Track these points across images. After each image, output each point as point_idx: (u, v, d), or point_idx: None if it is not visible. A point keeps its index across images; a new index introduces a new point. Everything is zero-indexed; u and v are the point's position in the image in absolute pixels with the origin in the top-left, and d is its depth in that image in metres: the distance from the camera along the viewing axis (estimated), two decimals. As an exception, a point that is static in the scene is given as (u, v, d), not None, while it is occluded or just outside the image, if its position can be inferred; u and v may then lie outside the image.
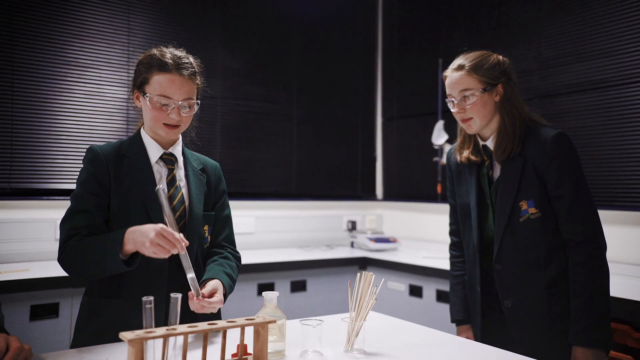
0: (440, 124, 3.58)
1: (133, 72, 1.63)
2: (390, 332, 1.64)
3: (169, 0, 3.42)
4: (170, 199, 1.55)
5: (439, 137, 3.52)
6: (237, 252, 1.72)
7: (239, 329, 1.19)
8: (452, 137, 3.53)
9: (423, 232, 3.88)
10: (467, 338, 1.88)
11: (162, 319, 1.44)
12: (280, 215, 3.81)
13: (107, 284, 1.51)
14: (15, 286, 2.37)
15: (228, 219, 1.72)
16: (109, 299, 1.48)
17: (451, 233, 2.05)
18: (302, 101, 3.98)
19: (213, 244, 1.66)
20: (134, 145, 1.58)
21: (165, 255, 1.31)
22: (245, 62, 3.72)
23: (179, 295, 1.11)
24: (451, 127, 3.58)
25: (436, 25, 3.91)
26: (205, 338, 1.15)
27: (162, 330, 1.06)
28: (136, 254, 1.40)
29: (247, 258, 3.16)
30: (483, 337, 1.82)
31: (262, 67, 3.80)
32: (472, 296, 1.87)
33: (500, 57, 1.81)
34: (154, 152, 1.58)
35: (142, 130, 1.61)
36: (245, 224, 3.62)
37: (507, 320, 1.75)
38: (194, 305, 1.37)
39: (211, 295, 1.42)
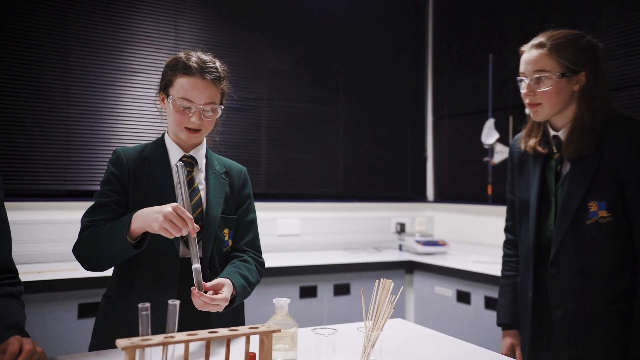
0: (490, 122, 3.42)
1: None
2: (414, 342, 1.56)
3: (215, 4, 3.47)
4: None
5: (489, 136, 3.36)
6: (261, 258, 1.68)
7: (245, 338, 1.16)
8: (503, 136, 3.36)
9: (474, 235, 3.72)
10: (513, 344, 1.77)
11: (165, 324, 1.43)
12: (326, 217, 3.77)
13: (120, 285, 1.53)
14: (64, 284, 2.47)
15: (252, 224, 1.69)
16: (122, 300, 1.49)
17: (506, 230, 1.88)
18: (348, 101, 3.92)
19: (235, 248, 1.64)
20: (156, 149, 1.59)
21: (176, 234, 1.30)
22: (291, 63, 3.71)
23: (177, 302, 1.09)
24: (502, 125, 3.41)
25: (487, 19, 3.74)
26: (207, 347, 1.13)
27: (159, 338, 1.04)
28: (144, 238, 1.40)
29: (290, 260, 3.16)
30: (532, 347, 1.67)
31: (308, 67, 3.78)
32: (522, 301, 1.71)
33: (594, 40, 1.59)
34: (175, 155, 1.59)
35: (165, 134, 1.63)
36: (290, 226, 3.60)
37: (555, 332, 1.60)
38: (196, 301, 1.34)
39: (216, 292, 1.38)
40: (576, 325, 1.56)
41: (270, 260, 3.13)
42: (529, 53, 1.59)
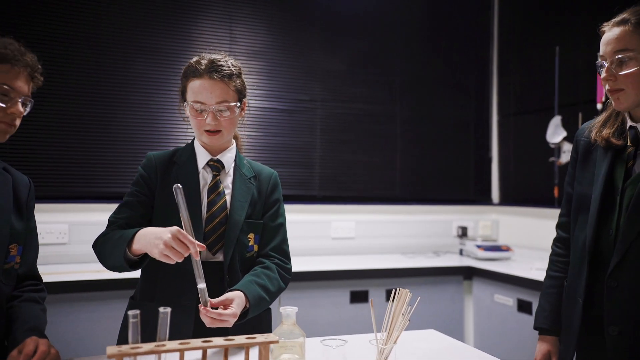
0: (557, 120, 3.18)
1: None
2: (437, 355, 1.46)
3: (269, 7, 3.48)
4: (211, 204, 1.54)
5: (555, 134, 3.13)
6: (287, 264, 1.63)
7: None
8: (571, 134, 3.12)
9: (540, 241, 3.48)
10: (550, 352, 1.59)
11: (191, 327, 1.42)
12: (382, 220, 3.67)
13: (145, 287, 1.55)
14: (115, 284, 2.56)
15: (279, 228, 1.65)
16: (145, 302, 1.51)
17: (559, 226, 1.69)
18: (406, 101, 3.80)
19: (260, 253, 1.61)
20: (185, 153, 1.61)
21: (178, 260, 1.28)
22: (345, 63, 3.65)
23: (169, 310, 1.07)
24: (570, 123, 3.17)
25: (553, 9, 3.49)
26: (203, 356, 1.10)
27: (149, 346, 1.02)
28: (144, 259, 1.40)
29: (341, 264, 3.10)
30: (577, 358, 1.51)
31: (363, 67, 3.70)
32: (569, 307, 1.53)
33: None
34: (202, 159, 1.59)
35: (195, 139, 1.63)
36: (344, 229, 3.55)
37: (608, 350, 1.41)
38: (204, 318, 1.32)
39: (225, 308, 1.36)
40: (633, 345, 1.37)
41: (322, 263, 3.09)
42: (610, 32, 1.39)
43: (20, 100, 1.35)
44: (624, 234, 1.38)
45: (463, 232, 3.74)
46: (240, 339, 1.11)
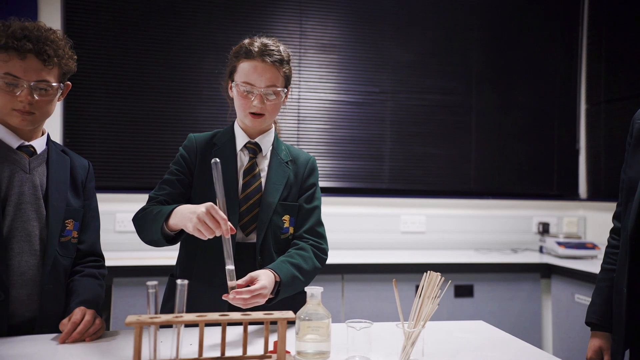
0: (649, 105, 2.89)
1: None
2: (478, 346, 1.37)
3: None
4: (246, 185, 1.55)
5: (647, 120, 2.85)
6: (322, 244, 1.60)
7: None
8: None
9: (631, 238, 3.18)
10: (601, 348, 1.49)
11: (225, 307, 1.44)
12: (455, 215, 3.54)
13: (184, 265, 1.59)
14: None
15: (314, 210, 1.63)
16: (184, 279, 1.55)
17: (615, 216, 1.58)
18: (482, 91, 3.64)
19: (295, 235, 1.61)
20: (225, 135, 1.64)
21: (209, 236, 1.29)
22: (417, 53, 3.56)
23: (186, 282, 1.09)
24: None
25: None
26: (223, 329, 1.12)
27: (167, 317, 1.06)
28: (180, 234, 1.43)
29: (409, 257, 3.03)
30: (630, 355, 1.38)
31: (436, 57, 3.59)
32: (617, 299, 1.43)
33: None
34: (241, 141, 1.61)
35: (235, 121, 1.66)
36: (414, 223, 3.46)
37: None
38: (237, 302, 1.29)
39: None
40: None
41: (389, 257, 3.04)
42: None
43: (29, 86, 1.38)
44: None
45: (544, 229, 3.52)
46: (257, 315, 1.11)
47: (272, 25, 3.39)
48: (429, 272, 1.23)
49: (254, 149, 1.60)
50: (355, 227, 3.37)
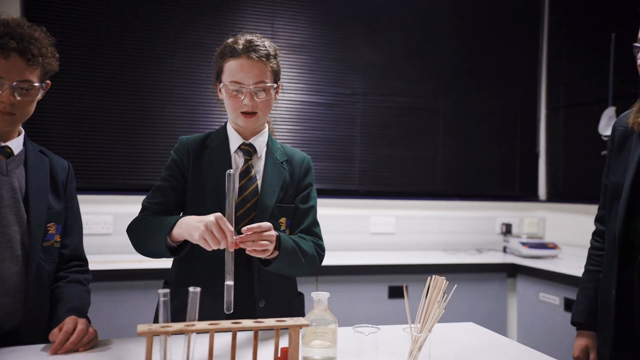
0: (610, 111, 3.04)
1: None
2: (475, 347, 1.40)
3: (310, 0, 3.46)
4: (243, 189, 1.52)
5: (608, 126, 2.99)
6: (319, 241, 1.60)
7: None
8: (623, 127, 2.97)
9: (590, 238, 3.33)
10: (587, 347, 1.54)
11: (223, 314, 1.41)
12: (423, 216, 3.61)
13: (179, 272, 1.55)
14: (156, 273, 2.60)
15: (310, 210, 1.62)
16: (179, 287, 1.51)
17: (597, 219, 1.66)
18: (449, 95, 3.72)
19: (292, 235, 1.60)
20: (217, 136, 1.60)
21: (214, 246, 1.26)
22: (387, 56, 3.59)
23: (198, 289, 1.06)
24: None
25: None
26: (233, 337, 1.09)
27: (178, 326, 1.02)
28: (184, 245, 1.40)
29: (380, 259, 3.06)
30: (615, 356, 1.43)
31: (406, 60, 3.63)
32: (604, 300, 1.49)
33: None
34: (235, 142, 1.58)
35: (227, 122, 1.63)
36: (384, 224, 3.50)
37: None
38: (245, 245, 1.31)
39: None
40: None
41: (361, 258, 3.06)
42: None
43: (10, 86, 1.32)
44: None
45: (507, 229, 3.63)
46: (269, 322, 1.10)
47: (244, 24, 3.34)
48: (433, 276, 1.25)
49: (248, 151, 1.58)
50: (325, 228, 3.31)
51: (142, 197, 3.02)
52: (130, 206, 3.09)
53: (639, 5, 3.03)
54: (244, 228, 1.32)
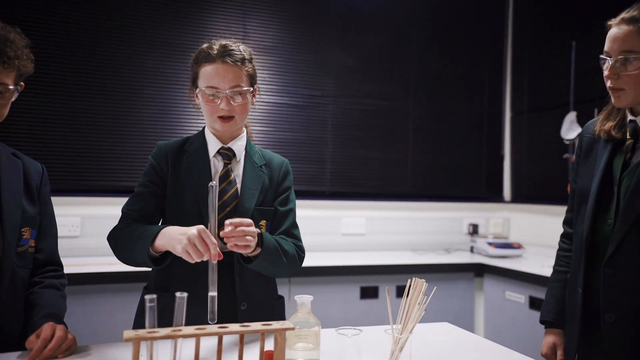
0: (571, 116, 3.16)
1: None
2: (452, 347, 1.45)
3: (282, 2, 3.46)
4: (222, 193, 1.52)
5: (570, 130, 3.11)
6: (299, 243, 1.61)
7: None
8: (585, 131, 3.09)
9: (553, 238, 3.44)
10: (555, 344, 1.61)
11: (205, 317, 1.41)
12: (393, 217, 3.66)
13: (159, 277, 1.55)
14: (127, 277, 2.57)
15: (289, 213, 1.63)
16: (160, 292, 1.50)
17: (565, 222, 1.72)
18: (418, 98, 3.79)
19: None
20: (196, 141, 1.60)
21: (197, 259, 1.27)
22: (358, 59, 3.63)
23: (185, 295, 1.07)
24: (585, 119, 3.13)
25: (570, 3, 3.46)
26: (219, 342, 1.10)
27: (165, 331, 1.02)
28: (166, 256, 1.40)
29: (352, 260, 3.09)
30: (579, 352, 1.51)
31: (377, 63, 3.68)
32: (571, 299, 1.55)
33: None
34: (213, 147, 1.58)
35: (205, 128, 1.63)
36: (355, 225, 3.54)
37: (604, 338, 1.42)
38: (229, 240, 1.32)
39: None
40: (629, 333, 1.38)
41: (332, 259, 3.09)
42: (618, 28, 1.40)
43: None
44: (620, 222, 1.40)
45: (474, 230, 3.72)
46: (256, 326, 1.10)
47: (215, 25, 3.33)
48: (413, 278, 1.28)
49: (227, 155, 1.58)
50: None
51: (110, 199, 3.00)
52: (98, 208, 3.04)
53: (598, 14, 3.17)
54: (227, 221, 1.32)
